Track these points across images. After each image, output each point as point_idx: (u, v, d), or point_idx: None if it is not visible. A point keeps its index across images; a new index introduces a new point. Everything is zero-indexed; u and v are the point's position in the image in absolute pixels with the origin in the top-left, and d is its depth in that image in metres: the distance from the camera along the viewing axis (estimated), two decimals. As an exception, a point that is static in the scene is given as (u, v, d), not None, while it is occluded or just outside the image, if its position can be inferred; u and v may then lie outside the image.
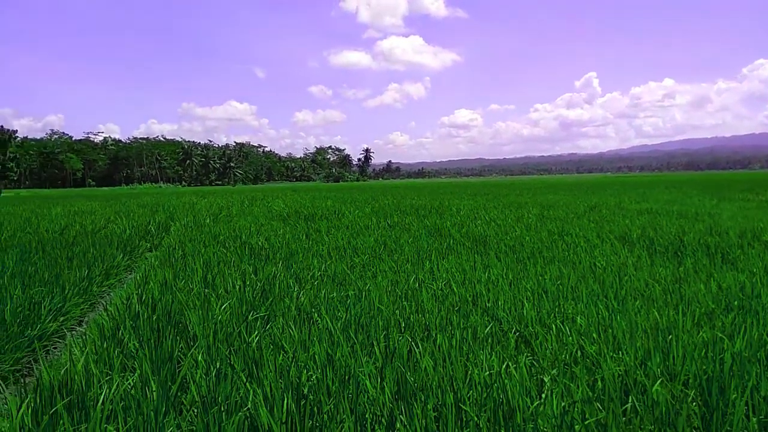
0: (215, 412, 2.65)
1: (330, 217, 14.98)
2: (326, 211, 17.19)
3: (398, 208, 18.03)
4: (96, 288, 7.10)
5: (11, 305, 5.19)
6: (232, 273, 6.21)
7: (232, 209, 20.80)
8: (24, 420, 2.50)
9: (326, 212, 16.60)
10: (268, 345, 3.69)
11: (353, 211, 16.92)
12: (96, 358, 3.49)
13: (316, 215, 15.71)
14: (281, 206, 21.28)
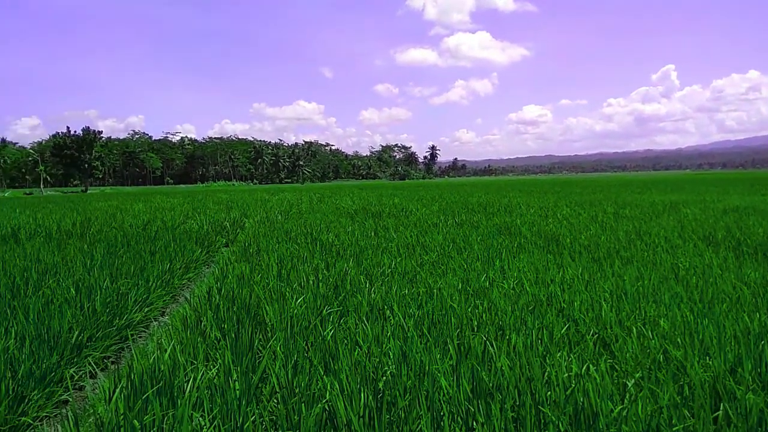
0: (294, 403, 2.72)
1: (397, 215, 15.04)
2: (393, 208, 17.26)
3: (466, 206, 17.87)
4: (177, 281, 7.44)
5: (101, 296, 5.52)
6: (305, 268, 6.35)
7: (301, 206, 21.25)
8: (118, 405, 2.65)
9: (393, 210, 16.66)
10: (343, 339, 3.75)
11: (420, 209, 16.91)
12: (181, 347, 3.65)
13: (383, 212, 15.81)
14: (349, 203, 21.55)
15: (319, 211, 17.97)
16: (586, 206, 16.74)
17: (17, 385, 3.49)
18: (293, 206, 21.05)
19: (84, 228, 12.80)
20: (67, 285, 5.93)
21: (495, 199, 21.79)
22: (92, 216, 16.01)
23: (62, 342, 4.27)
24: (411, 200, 22.85)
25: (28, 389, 3.53)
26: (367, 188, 53.90)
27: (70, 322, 4.67)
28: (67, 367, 4.09)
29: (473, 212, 15.17)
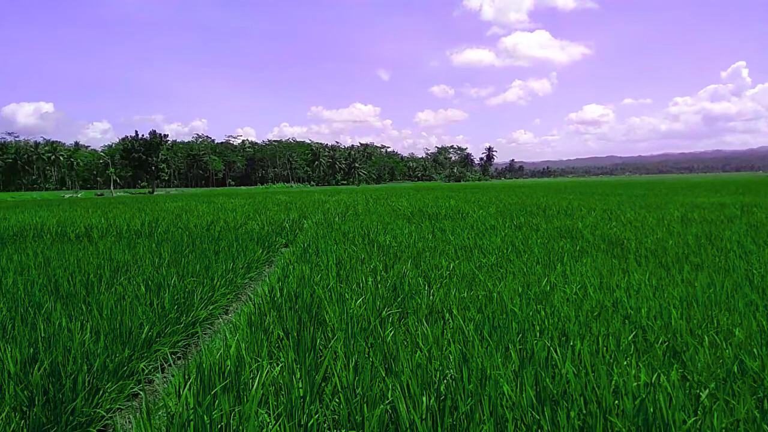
0: (356, 403, 2.74)
1: (454, 217, 14.93)
2: (450, 210, 17.15)
3: (524, 208, 17.56)
4: (239, 280, 7.64)
5: (169, 294, 5.74)
6: (363, 269, 6.39)
7: (357, 208, 21.42)
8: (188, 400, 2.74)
9: (450, 212, 16.56)
10: (402, 341, 3.75)
11: (477, 211, 16.73)
12: (246, 345, 3.75)
13: (439, 214, 15.73)
14: (405, 205, 21.57)
15: (376, 212, 18.07)
16: (651, 209, 16.13)
17: (92, 377, 3.67)
18: (350, 208, 21.25)
19: (152, 228, 13.35)
20: (137, 282, 6.20)
21: (554, 202, 21.31)
22: (159, 216, 16.66)
23: (134, 337, 4.46)
24: (467, 202, 22.65)
25: (102, 382, 3.71)
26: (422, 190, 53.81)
27: (141, 318, 4.87)
28: (138, 361, 4.27)
29: (532, 215, 14.89)
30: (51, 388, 3.36)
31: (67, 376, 3.50)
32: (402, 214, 16.70)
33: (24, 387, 3.34)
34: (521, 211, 16.55)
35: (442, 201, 23.87)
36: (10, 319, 4.75)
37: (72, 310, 5.03)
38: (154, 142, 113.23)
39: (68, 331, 4.31)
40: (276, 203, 26.14)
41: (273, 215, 17.05)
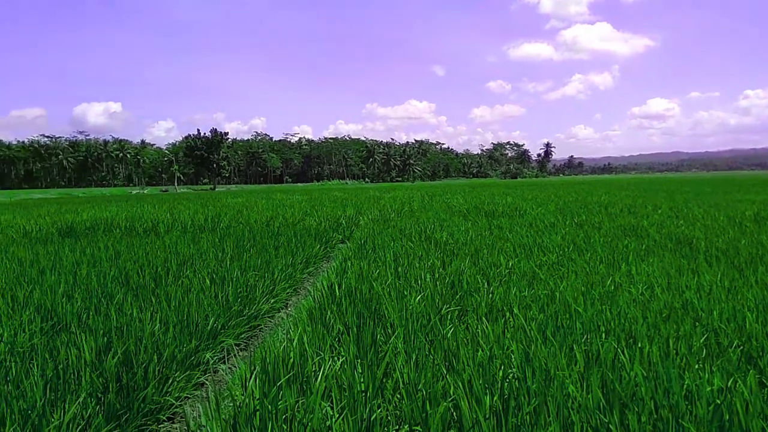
0: (419, 400, 2.73)
1: (511, 214, 14.70)
2: (507, 207, 16.89)
3: (584, 206, 17.10)
4: (299, 275, 7.78)
5: (233, 287, 5.90)
6: (421, 266, 6.38)
7: (413, 204, 21.40)
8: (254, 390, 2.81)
9: (507, 209, 16.31)
10: (463, 339, 3.72)
11: (535, 208, 16.41)
12: (307, 339, 3.81)
13: (496, 212, 15.52)
14: (460, 202, 21.40)
15: (431, 209, 18.00)
16: (721, 207, 15.38)
17: (162, 366, 3.82)
18: (405, 204, 21.25)
19: (214, 223, 13.77)
20: (202, 276, 6.40)
21: (617, 199, 20.65)
22: (221, 212, 17.16)
23: (200, 328, 4.61)
24: (524, 199, 22.25)
25: (171, 371, 3.85)
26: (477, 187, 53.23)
27: (206, 310, 5.03)
28: (204, 352, 4.41)
29: (593, 212, 14.47)
30: (124, 375, 3.51)
31: (138, 364, 3.65)
32: (458, 211, 16.57)
33: (99, 374, 3.50)
34: (582, 208, 16.12)
35: (499, 198, 23.55)
36: (85, 309, 5.00)
37: (142, 302, 5.24)
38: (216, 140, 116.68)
39: (139, 321, 4.50)
40: (332, 200, 26.46)
41: (329, 211, 17.25)
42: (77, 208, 22.62)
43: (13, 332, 4.27)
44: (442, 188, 50.22)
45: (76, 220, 14.85)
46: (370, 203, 22.84)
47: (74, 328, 4.50)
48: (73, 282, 6.13)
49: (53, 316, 4.82)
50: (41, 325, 4.55)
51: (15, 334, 4.24)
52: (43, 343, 4.10)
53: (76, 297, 5.35)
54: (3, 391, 3.14)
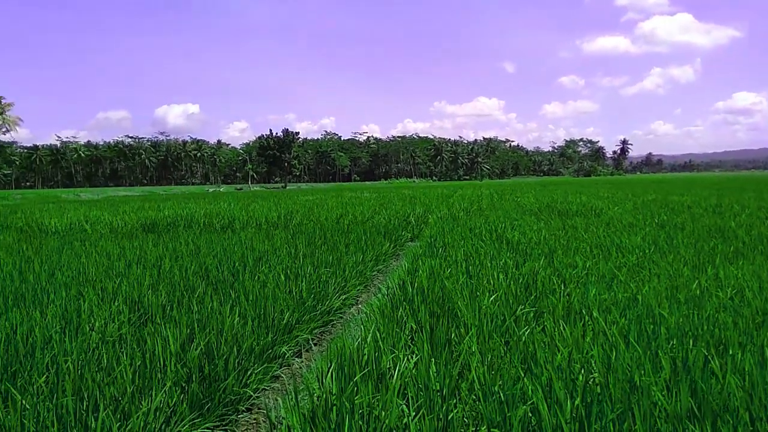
0: (495, 402, 2.68)
1: (586, 214, 14.22)
2: (581, 206, 16.36)
3: (665, 205, 16.31)
4: (369, 272, 7.84)
5: (306, 283, 6.02)
6: (493, 266, 6.28)
7: (482, 203, 21.13)
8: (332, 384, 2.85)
9: (581, 208, 15.80)
10: (540, 341, 3.62)
11: (612, 207, 15.80)
12: (381, 335, 3.82)
13: (570, 211, 15.06)
14: (532, 201, 20.93)
15: (501, 208, 17.70)
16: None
17: (242, 359, 3.94)
18: (474, 203, 21.01)
19: (287, 220, 14.11)
20: (277, 272, 6.57)
21: (700, 198, 19.58)
22: (293, 209, 17.56)
23: (276, 323, 4.73)
24: (600, 198, 21.48)
25: (250, 363, 3.97)
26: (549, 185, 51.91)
27: (281, 305, 5.15)
28: (280, 345, 4.52)
29: (675, 212, 13.78)
30: (206, 366, 3.65)
31: (219, 356, 3.79)
32: (529, 210, 16.21)
33: (183, 364, 3.66)
34: (662, 208, 15.38)
35: (572, 197, 22.85)
36: (168, 302, 5.24)
37: (221, 295, 5.43)
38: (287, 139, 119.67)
39: (219, 314, 4.66)
40: (400, 198, 26.53)
41: (398, 209, 17.30)
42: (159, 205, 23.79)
43: (103, 322, 4.53)
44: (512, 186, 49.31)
45: (158, 217, 15.61)
46: (439, 201, 22.73)
47: (159, 319, 4.72)
48: (157, 275, 6.44)
49: (140, 308, 5.08)
50: (129, 315, 4.80)
51: (105, 324, 4.49)
52: (131, 333, 4.32)
53: (160, 290, 5.61)
54: (96, 378, 3.33)
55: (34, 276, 6.67)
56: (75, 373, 3.41)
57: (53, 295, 5.55)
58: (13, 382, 3.41)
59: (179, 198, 40.13)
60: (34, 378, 3.43)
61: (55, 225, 14.28)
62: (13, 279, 6.51)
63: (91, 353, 3.79)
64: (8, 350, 3.83)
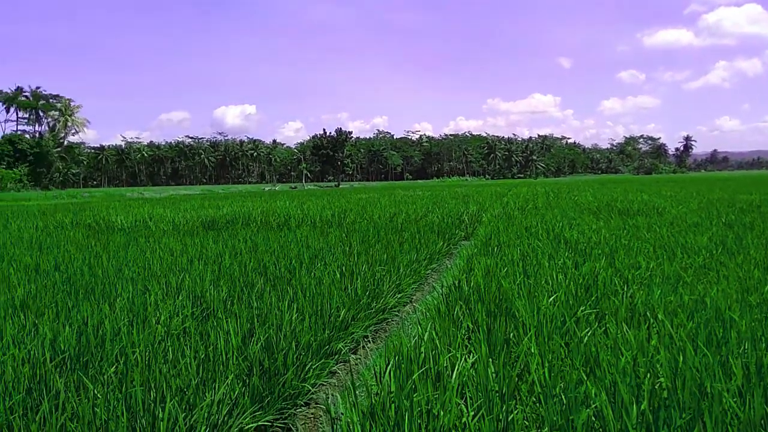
0: (556, 405, 2.62)
1: (648, 213, 13.74)
2: (642, 205, 15.81)
3: (732, 204, 15.56)
4: (423, 270, 7.83)
5: (361, 281, 6.06)
6: (551, 265, 6.15)
7: (537, 201, 20.74)
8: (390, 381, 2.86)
9: (642, 207, 15.26)
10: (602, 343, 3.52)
11: (675, 207, 15.20)
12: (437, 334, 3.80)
13: (631, 210, 14.58)
14: (590, 199, 20.38)
15: (557, 206, 17.32)
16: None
17: (300, 354, 4.01)
18: (529, 201, 20.65)
19: (341, 218, 14.25)
20: (332, 269, 6.64)
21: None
22: (346, 208, 17.73)
23: (332, 319, 4.79)
24: (662, 197, 20.71)
25: (308, 358, 4.03)
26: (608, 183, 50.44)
27: (337, 302, 5.21)
28: (336, 342, 4.57)
29: (743, 211, 13.13)
30: (266, 360, 3.73)
31: (278, 351, 3.86)
32: (587, 208, 15.80)
33: (244, 358, 3.75)
34: (729, 207, 14.68)
35: (633, 195, 22.11)
36: (229, 297, 5.39)
37: (279, 291, 5.54)
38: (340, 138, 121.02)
39: (278, 310, 4.75)
40: (453, 196, 26.36)
41: (452, 208, 17.19)
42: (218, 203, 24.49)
43: (168, 316, 4.70)
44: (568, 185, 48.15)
45: (217, 215, 16.07)
46: (493, 200, 22.47)
47: (220, 313, 4.86)
48: (218, 271, 6.63)
49: (202, 302, 5.24)
50: (192, 310, 4.96)
51: (170, 318, 4.66)
52: (194, 327, 4.46)
53: (221, 285, 5.77)
54: (162, 370, 3.46)
55: (102, 270, 6.99)
56: (143, 364, 3.55)
57: (121, 289, 5.80)
58: (85, 371, 3.58)
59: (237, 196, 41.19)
60: (105, 368, 3.59)
61: (121, 222, 14.93)
62: (83, 273, 6.83)
63: (157, 345, 3.94)
64: (80, 341, 4.02)
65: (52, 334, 4.12)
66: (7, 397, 3.13)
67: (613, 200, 18.64)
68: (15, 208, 28.72)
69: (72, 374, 3.49)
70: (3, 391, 3.18)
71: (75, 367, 3.66)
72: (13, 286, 6.16)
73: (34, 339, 4.07)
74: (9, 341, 4.06)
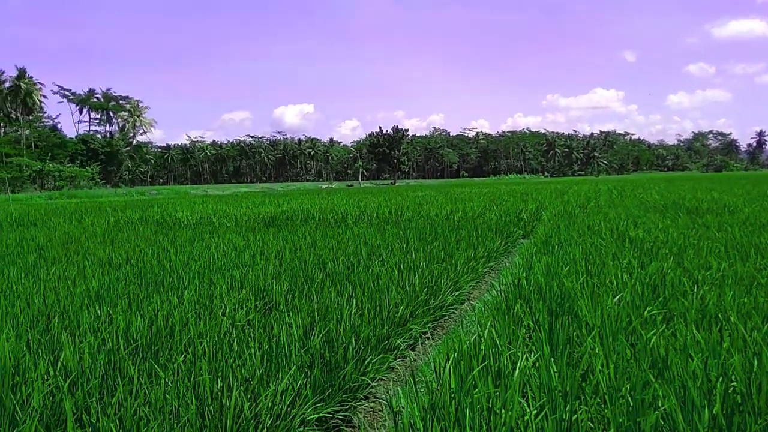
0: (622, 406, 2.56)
1: (719, 212, 13.11)
2: (712, 203, 15.10)
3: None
4: (480, 268, 7.76)
5: (418, 277, 6.07)
6: (615, 265, 5.97)
7: (599, 199, 20.16)
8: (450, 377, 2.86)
9: (713, 205, 14.58)
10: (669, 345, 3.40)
11: (749, 205, 14.43)
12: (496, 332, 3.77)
13: (700, 208, 13.96)
14: (655, 197, 19.63)
15: (621, 205, 16.78)
16: None
17: (359, 348, 4.06)
18: (591, 199, 20.09)
19: (397, 216, 14.30)
20: (390, 265, 6.68)
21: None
22: (403, 205, 17.76)
23: (390, 315, 4.82)
24: (734, 195, 19.70)
25: (367, 353, 4.08)
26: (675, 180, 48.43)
27: (395, 298, 5.24)
28: (395, 338, 4.61)
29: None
30: (327, 354, 3.80)
31: (339, 344, 3.92)
32: (653, 207, 15.23)
33: (305, 350, 3.83)
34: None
35: (702, 193, 21.14)
36: (290, 291, 5.51)
37: (338, 287, 5.62)
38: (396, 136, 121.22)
39: (337, 304, 4.82)
40: (511, 194, 25.96)
41: (509, 206, 16.94)
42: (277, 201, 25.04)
43: (232, 308, 4.86)
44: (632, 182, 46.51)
45: (276, 211, 16.44)
46: (552, 197, 21.99)
47: (282, 307, 4.99)
48: (279, 266, 6.79)
49: (264, 296, 5.38)
50: (255, 303, 5.11)
51: (234, 310, 4.81)
52: (257, 319, 4.60)
53: (282, 279, 5.91)
54: (229, 360, 3.58)
55: (170, 264, 7.29)
56: (209, 354, 3.69)
57: (188, 281, 6.03)
58: (156, 359, 3.75)
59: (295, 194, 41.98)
60: (174, 357, 3.75)
61: (187, 218, 15.50)
62: (153, 267, 7.15)
63: (223, 336, 4.09)
64: (151, 330, 4.22)
65: (125, 324, 4.34)
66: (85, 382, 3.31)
67: (681, 198, 17.89)
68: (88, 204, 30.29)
69: (144, 362, 3.66)
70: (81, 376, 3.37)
71: (146, 355, 3.84)
72: (89, 278, 6.51)
73: (108, 328, 4.30)
74: (86, 329, 4.30)
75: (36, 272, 7.05)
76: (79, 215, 18.57)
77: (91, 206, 25.97)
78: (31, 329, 4.35)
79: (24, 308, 5.02)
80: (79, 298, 5.35)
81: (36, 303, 5.12)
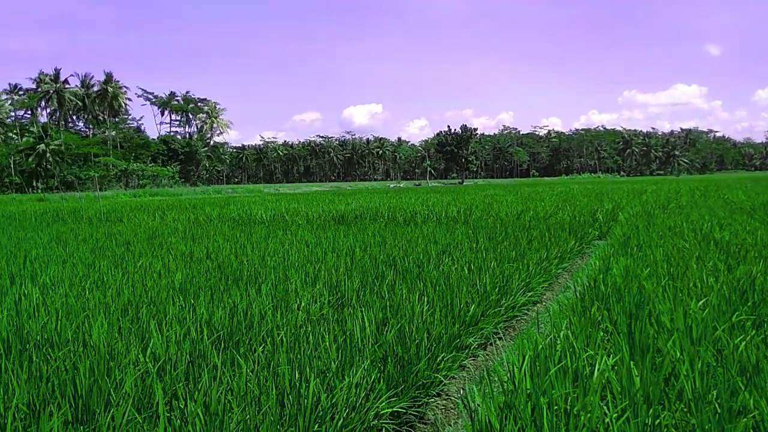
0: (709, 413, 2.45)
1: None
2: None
3: None
4: (553, 269, 7.60)
5: (489, 277, 6.01)
6: (699, 267, 5.70)
7: (681, 199, 19.23)
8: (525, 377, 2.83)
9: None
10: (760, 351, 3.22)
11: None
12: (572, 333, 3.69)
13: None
14: (742, 198, 18.52)
15: (704, 205, 15.93)
16: None
17: (432, 345, 4.08)
18: (671, 200, 19.20)
19: (466, 215, 14.21)
20: (460, 264, 6.66)
21: None
22: (472, 205, 17.62)
23: (462, 314, 4.82)
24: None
25: (439, 351, 4.09)
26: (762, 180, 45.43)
27: (466, 297, 5.22)
28: (466, 336, 4.60)
29: None
30: (399, 349, 3.84)
31: (411, 341, 3.96)
32: (740, 208, 14.38)
33: (379, 345, 3.89)
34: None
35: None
36: (361, 287, 5.60)
37: (409, 284, 5.66)
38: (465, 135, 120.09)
39: (408, 301, 4.86)
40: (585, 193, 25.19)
41: (584, 206, 16.46)
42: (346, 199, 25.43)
43: (307, 302, 4.99)
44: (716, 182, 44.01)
45: (346, 210, 16.70)
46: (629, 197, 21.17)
47: (354, 302, 5.08)
48: (350, 263, 6.91)
49: (337, 291, 5.50)
50: (328, 298, 5.23)
51: (309, 305, 4.95)
52: (330, 314, 4.71)
53: (354, 276, 6.02)
54: (306, 352, 3.69)
55: (247, 259, 7.57)
56: (287, 345, 3.82)
57: (264, 276, 6.25)
58: (237, 349, 3.92)
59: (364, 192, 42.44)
60: (255, 347, 3.91)
61: (261, 215, 16.03)
62: (231, 262, 7.44)
63: (299, 329, 4.21)
64: (232, 322, 4.41)
65: (208, 315, 4.56)
66: (172, 368, 3.51)
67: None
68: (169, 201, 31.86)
69: (225, 351, 3.83)
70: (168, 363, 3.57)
71: (228, 345, 4.02)
72: (172, 271, 6.86)
73: (192, 318, 4.53)
74: (172, 319, 4.55)
75: (124, 265, 7.50)
76: (162, 212, 19.56)
77: (172, 204, 27.29)
78: (122, 317, 4.64)
79: (115, 298, 5.36)
80: (165, 289, 5.66)
81: (125, 293, 5.46)
